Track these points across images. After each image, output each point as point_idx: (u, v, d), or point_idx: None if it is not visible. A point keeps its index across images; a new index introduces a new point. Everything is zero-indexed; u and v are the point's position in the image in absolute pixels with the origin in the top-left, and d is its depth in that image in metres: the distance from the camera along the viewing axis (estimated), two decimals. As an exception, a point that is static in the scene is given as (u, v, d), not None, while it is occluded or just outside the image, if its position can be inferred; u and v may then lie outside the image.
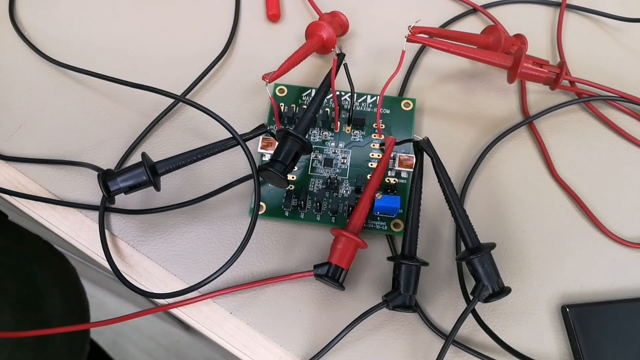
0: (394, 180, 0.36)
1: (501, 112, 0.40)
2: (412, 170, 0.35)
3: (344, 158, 0.37)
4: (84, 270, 0.86)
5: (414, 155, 0.36)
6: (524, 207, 0.37)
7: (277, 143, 0.34)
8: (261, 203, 0.36)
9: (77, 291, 0.50)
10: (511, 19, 0.44)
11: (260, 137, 0.36)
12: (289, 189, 0.36)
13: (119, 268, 0.34)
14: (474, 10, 0.44)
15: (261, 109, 0.40)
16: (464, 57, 0.37)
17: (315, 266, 0.33)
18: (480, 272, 0.31)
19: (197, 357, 0.96)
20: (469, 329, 0.33)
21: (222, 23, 0.44)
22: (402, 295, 0.31)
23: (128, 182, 0.33)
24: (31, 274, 0.46)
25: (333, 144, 0.38)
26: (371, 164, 0.37)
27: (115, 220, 0.36)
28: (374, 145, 0.38)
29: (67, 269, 0.51)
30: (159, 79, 0.41)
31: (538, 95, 0.41)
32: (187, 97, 0.40)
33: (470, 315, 0.32)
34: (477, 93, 0.41)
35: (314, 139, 0.38)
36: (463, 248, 0.33)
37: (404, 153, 0.37)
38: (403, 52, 0.35)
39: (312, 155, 0.37)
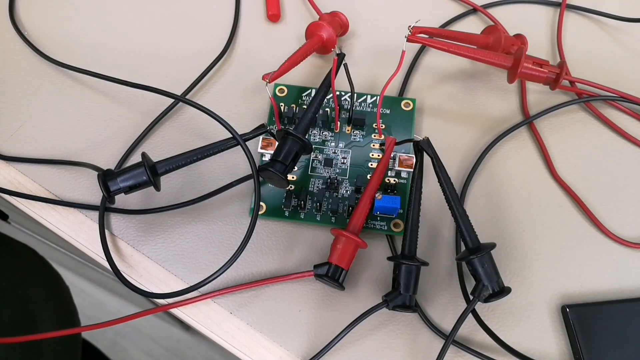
0: (394, 180, 0.36)
1: (501, 112, 0.40)
2: (412, 170, 0.35)
3: (344, 158, 0.37)
4: (84, 270, 0.86)
5: (414, 155, 0.36)
6: (524, 207, 0.37)
7: (277, 143, 0.34)
8: (261, 203, 0.36)
9: (69, 312, 0.49)
10: (511, 19, 0.44)
11: (260, 137, 0.36)
12: (289, 189, 0.36)
13: (119, 268, 0.34)
14: (474, 10, 0.44)
15: (261, 109, 0.40)
16: (464, 57, 0.37)
17: (315, 266, 0.33)
18: (480, 272, 0.31)
19: (197, 357, 0.96)
20: (469, 329, 0.33)
21: (222, 23, 0.44)
22: (402, 295, 0.31)
23: (128, 182, 0.33)
24: (25, 297, 0.45)
25: (333, 144, 0.38)
26: (371, 164, 0.37)
27: (115, 220, 0.36)
28: (374, 145, 0.38)
29: (61, 287, 0.49)
30: (159, 79, 0.41)
31: (538, 95, 0.41)
32: (187, 97, 0.40)
33: (470, 315, 0.32)
34: (477, 93, 0.41)
35: (314, 139, 0.38)
36: (463, 248, 0.33)
37: (404, 153, 0.37)
38: (403, 52, 0.35)
39: (312, 155, 0.37)
